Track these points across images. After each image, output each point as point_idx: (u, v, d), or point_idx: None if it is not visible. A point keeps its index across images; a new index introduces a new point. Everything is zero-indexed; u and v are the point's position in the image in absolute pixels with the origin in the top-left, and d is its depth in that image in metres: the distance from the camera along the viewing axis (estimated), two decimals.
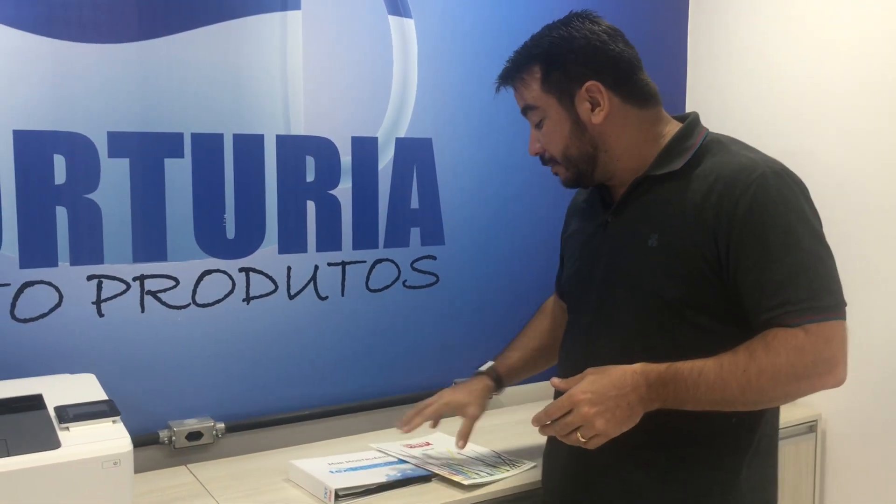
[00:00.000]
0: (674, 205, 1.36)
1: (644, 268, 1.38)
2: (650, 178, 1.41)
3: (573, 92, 1.41)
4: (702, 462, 1.38)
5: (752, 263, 1.28)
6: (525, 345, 1.80)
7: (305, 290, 1.97)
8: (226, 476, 1.73)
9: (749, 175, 1.30)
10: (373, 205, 2.03)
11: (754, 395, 1.27)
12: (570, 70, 1.41)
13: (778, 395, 1.30)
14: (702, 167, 1.37)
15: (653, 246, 1.37)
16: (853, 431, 2.15)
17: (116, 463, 1.25)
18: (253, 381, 1.92)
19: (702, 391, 1.26)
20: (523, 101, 1.48)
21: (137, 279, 1.76)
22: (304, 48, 1.89)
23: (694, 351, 1.31)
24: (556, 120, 1.43)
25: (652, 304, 1.37)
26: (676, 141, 1.42)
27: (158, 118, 1.74)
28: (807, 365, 1.24)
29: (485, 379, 1.75)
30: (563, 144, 1.44)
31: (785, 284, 1.26)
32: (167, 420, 1.81)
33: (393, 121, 2.04)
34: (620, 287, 1.42)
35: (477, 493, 1.62)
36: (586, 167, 1.45)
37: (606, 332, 1.44)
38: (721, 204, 1.30)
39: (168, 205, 1.77)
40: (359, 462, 1.74)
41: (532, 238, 2.28)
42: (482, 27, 2.15)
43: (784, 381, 1.25)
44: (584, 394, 1.28)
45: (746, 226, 1.28)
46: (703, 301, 1.33)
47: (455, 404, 1.69)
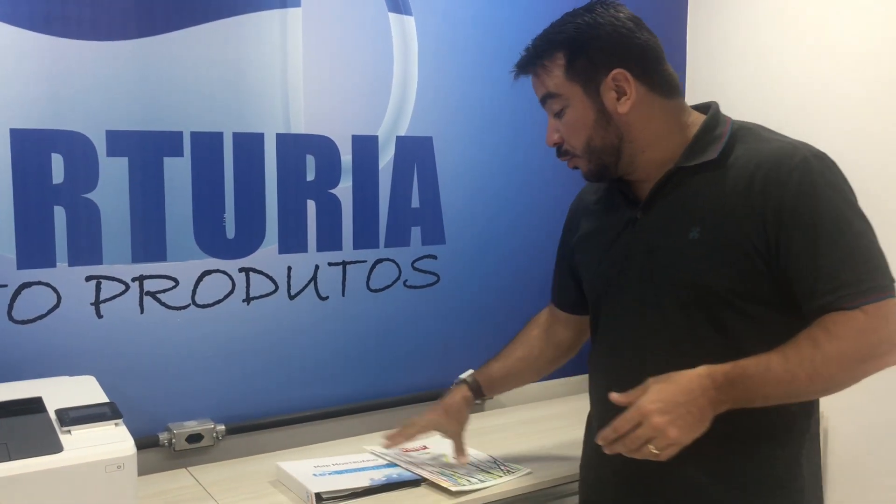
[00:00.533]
0: (713, 195, 1.32)
1: (687, 261, 1.34)
2: (682, 169, 1.36)
3: (599, 80, 1.36)
4: (763, 453, 1.35)
5: (803, 249, 1.25)
6: (508, 354, 1.74)
7: (306, 291, 1.95)
8: (227, 479, 1.71)
9: (791, 160, 1.28)
10: (373, 204, 2.02)
11: (823, 383, 1.25)
12: (595, 57, 1.35)
13: (845, 380, 1.26)
14: (736, 155, 1.34)
15: (695, 238, 1.32)
16: (856, 429, 2.15)
17: (120, 467, 1.23)
18: (253, 383, 1.90)
19: (770, 387, 1.24)
20: (544, 89, 1.41)
21: (136, 280, 1.73)
22: (304, 46, 1.87)
23: (744, 341, 1.30)
24: (579, 109, 1.38)
25: (699, 297, 1.33)
26: (705, 131, 1.38)
27: (157, 117, 1.72)
28: (871, 346, 1.23)
29: (463, 390, 1.71)
30: (587, 135, 1.39)
31: (839, 268, 1.24)
32: (167, 422, 1.79)
33: (393, 119, 2.02)
34: (663, 284, 1.37)
35: (464, 499, 1.60)
36: (610, 159, 1.39)
37: (652, 332, 1.39)
38: (767, 190, 1.28)
39: (167, 204, 1.75)
40: (345, 465, 1.72)
41: (533, 237, 2.27)
42: (483, 25, 2.13)
43: (851, 365, 1.23)
44: (652, 404, 1.22)
45: (796, 211, 1.26)
46: (751, 290, 1.30)
47: (436, 424, 1.70)
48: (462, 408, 1.70)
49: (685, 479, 1.36)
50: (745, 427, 1.31)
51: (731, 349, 1.29)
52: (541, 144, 2.23)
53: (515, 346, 1.75)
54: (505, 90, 2.16)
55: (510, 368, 1.73)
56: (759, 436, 1.34)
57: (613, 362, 1.46)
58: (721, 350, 1.29)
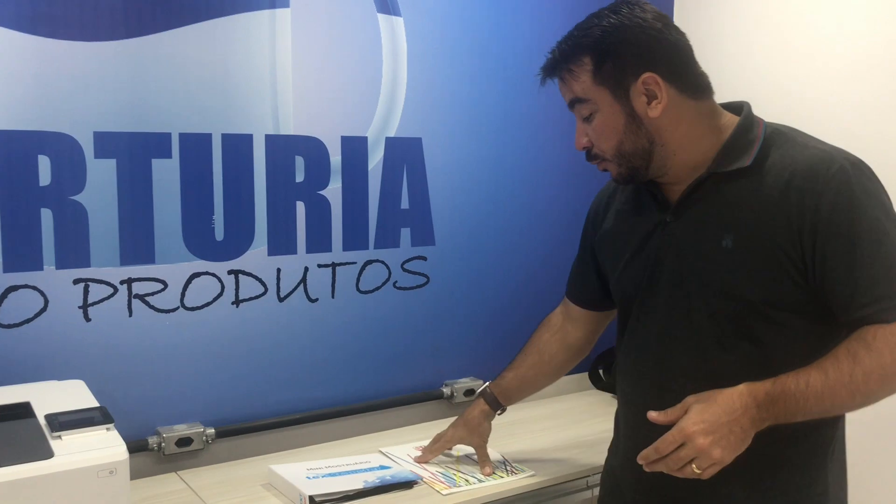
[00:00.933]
0: (747, 203, 1.30)
1: (720, 270, 1.32)
2: (715, 174, 1.33)
3: (628, 84, 1.31)
4: (792, 461, 1.34)
5: (841, 260, 1.24)
6: (521, 362, 1.74)
7: (295, 293, 1.94)
8: (218, 482, 1.70)
9: (828, 169, 1.25)
10: (363, 205, 2.01)
11: (862, 398, 1.23)
12: (624, 61, 1.31)
13: (884, 394, 1.24)
14: (770, 161, 1.31)
15: (728, 247, 1.30)
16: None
17: (112, 472, 1.22)
18: (243, 386, 1.88)
19: (811, 403, 1.22)
20: (572, 94, 1.37)
21: (125, 282, 1.72)
22: (293, 47, 1.86)
23: (774, 350, 1.29)
24: (608, 114, 1.34)
25: (730, 306, 1.31)
26: (738, 134, 1.34)
27: (146, 118, 1.71)
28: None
29: (480, 404, 1.75)
30: (618, 139, 1.34)
31: (878, 280, 1.22)
32: (156, 426, 1.77)
33: (383, 120, 2.02)
34: (694, 290, 1.35)
35: (457, 500, 1.60)
36: (641, 162, 1.35)
37: (681, 337, 1.37)
38: (803, 200, 1.25)
39: (156, 206, 1.74)
40: (339, 468, 1.72)
41: (523, 238, 2.27)
42: (472, 25, 2.13)
43: (891, 379, 1.22)
44: (696, 425, 1.20)
45: (832, 222, 1.24)
46: (783, 300, 1.28)
47: (458, 440, 1.76)
48: (482, 421, 1.74)
49: (719, 491, 1.34)
50: (775, 435, 1.28)
51: (760, 358, 1.28)
52: (530, 145, 2.26)
53: (527, 353, 1.74)
54: (494, 91, 2.19)
55: (523, 377, 1.74)
56: (788, 443, 1.32)
57: (640, 366, 1.45)
58: (749, 359, 1.29)
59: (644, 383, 1.43)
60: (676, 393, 1.30)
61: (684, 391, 1.29)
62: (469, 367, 1.81)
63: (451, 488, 1.62)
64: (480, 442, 1.75)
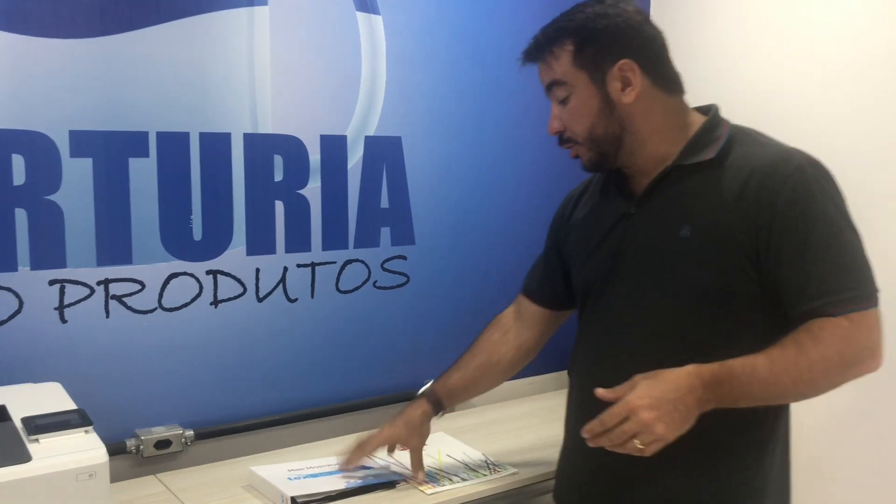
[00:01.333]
0: (708, 195, 1.34)
1: (678, 259, 1.36)
2: (679, 167, 1.38)
3: (605, 69, 1.37)
4: (733, 453, 1.37)
5: (794, 254, 1.28)
6: (467, 363, 1.71)
7: (274, 293, 1.92)
8: (199, 484, 1.68)
9: (787, 166, 1.30)
10: (342, 204, 2.00)
11: (806, 387, 1.27)
12: (604, 46, 1.37)
13: (827, 386, 1.28)
14: (732, 157, 1.36)
15: (686, 237, 1.34)
16: (816, 421, 2.18)
17: (92, 475, 1.20)
18: (222, 387, 1.87)
19: (755, 388, 1.25)
20: (551, 76, 1.41)
21: (102, 283, 1.69)
22: (271, 45, 1.85)
23: (726, 340, 1.32)
24: (584, 97, 1.39)
25: (686, 295, 1.35)
26: (704, 131, 1.40)
27: (122, 116, 1.68)
28: (854, 353, 1.26)
29: (423, 404, 1.68)
30: (590, 122, 1.39)
31: (828, 275, 1.26)
32: (134, 428, 1.75)
33: (362, 119, 2.01)
34: (652, 279, 1.39)
35: (441, 499, 1.60)
36: (610, 148, 1.40)
37: (637, 325, 1.41)
38: (760, 195, 1.30)
39: (133, 206, 1.71)
40: (320, 468, 1.70)
41: (503, 237, 2.27)
42: (451, 24, 2.13)
43: (833, 371, 1.26)
44: (641, 399, 1.23)
45: (788, 217, 1.28)
46: (738, 290, 1.32)
47: (394, 439, 1.66)
48: (423, 422, 1.67)
49: (661, 481, 1.37)
50: (719, 426, 1.31)
51: (713, 348, 1.30)
52: (511, 144, 2.27)
53: (474, 353, 1.71)
54: (474, 90, 2.18)
55: (469, 378, 1.70)
56: (730, 435, 1.35)
57: (596, 355, 1.49)
58: (699, 348, 1.31)
59: (597, 368, 1.46)
60: (627, 379, 1.32)
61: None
62: (449, 366, 1.80)
63: (435, 487, 1.62)
64: (419, 444, 1.67)
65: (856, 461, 2.09)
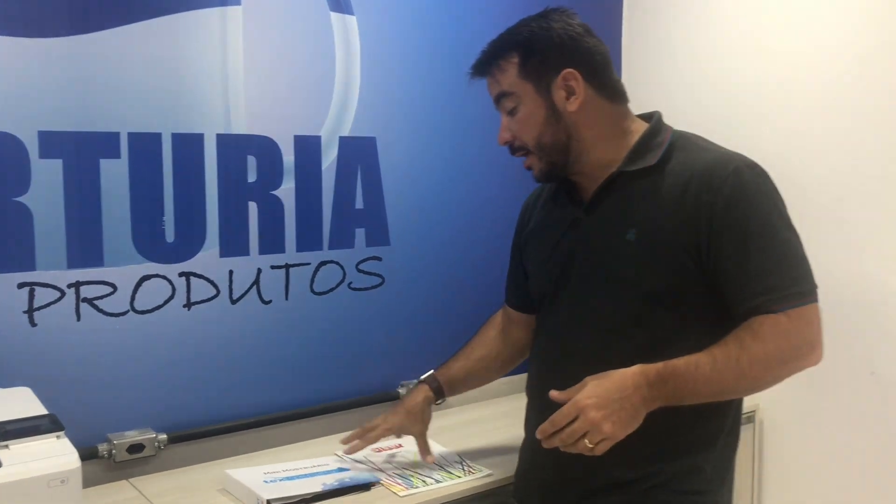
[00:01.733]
0: (651, 199, 1.39)
1: (624, 262, 1.40)
2: (624, 174, 1.42)
3: (550, 79, 1.42)
4: (677, 449, 1.41)
5: (733, 253, 1.32)
6: (468, 354, 1.79)
7: (248, 295, 1.91)
8: (173, 489, 1.66)
9: (725, 169, 1.35)
10: (317, 205, 1.99)
11: (748, 382, 1.33)
12: (547, 57, 1.42)
13: (769, 381, 1.34)
14: (674, 162, 1.41)
15: (631, 240, 1.39)
16: (788, 420, 2.22)
17: (64, 481, 1.18)
18: (195, 390, 1.85)
19: (699, 385, 1.30)
20: (499, 88, 1.47)
21: (72, 286, 1.67)
22: (244, 45, 1.83)
23: (670, 340, 1.36)
24: (531, 107, 1.44)
25: (633, 297, 1.39)
26: (646, 137, 1.45)
27: (93, 117, 1.66)
28: (793, 348, 1.30)
29: (424, 390, 1.75)
30: (538, 131, 1.44)
31: (766, 273, 1.31)
32: (106, 433, 1.73)
33: (336, 119, 2.00)
34: (600, 282, 1.44)
35: (416, 501, 1.60)
36: (559, 157, 1.45)
37: (585, 327, 1.46)
38: (700, 196, 1.34)
39: (104, 208, 1.69)
40: (296, 471, 1.69)
41: (478, 237, 2.27)
42: (425, 25, 2.12)
43: (774, 366, 1.31)
44: (589, 399, 1.27)
45: (727, 217, 1.32)
46: (682, 291, 1.37)
47: (398, 426, 1.72)
48: (424, 408, 1.73)
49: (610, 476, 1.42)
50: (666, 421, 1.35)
51: (661, 347, 1.35)
52: (485, 144, 2.26)
53: (474, 346, 1.79)
54: (448, 90, 2.18)
55: (470, 369, 1.77)
56: (677, 430, 1.40)
57: (550, 356, 1.54)
58: (646, 348, 1.36)
59: (549, 368, 1.52)
60: (577, 379, 1.37)
61: (584, 376, 1.36)
62: (425, 367, 1.80)
63: (409, 490, 1.62)
64: (422, 430, 1.73)
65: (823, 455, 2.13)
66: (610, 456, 1.29)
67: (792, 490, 2.22)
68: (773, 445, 2.26)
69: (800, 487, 2.19)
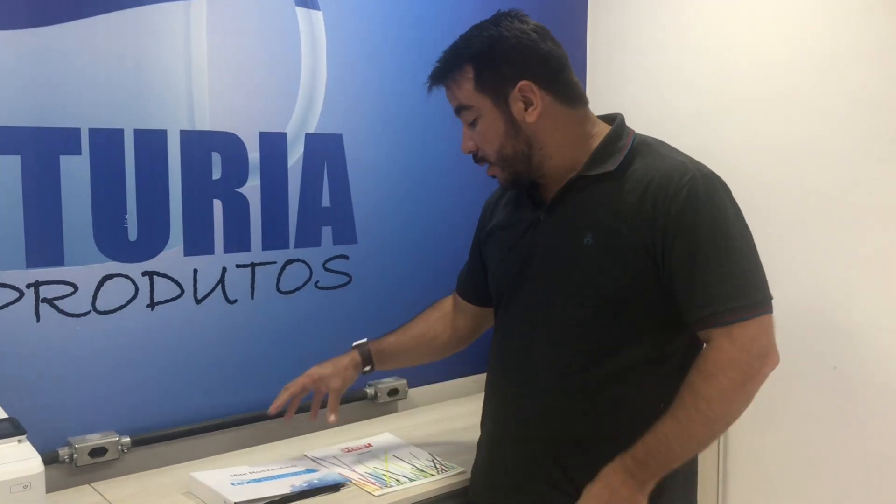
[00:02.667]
0: (609, 204, 1.39)
1: (580, 265, 1.40)
2: (584, 178, 1.42)
3: (507, 92, 1.41)
4: None
5: (684, 261, 1.32)
6: (405, 330, 1.80)
7: (213, 294, 1.87)
8: (137, 493, 1.62)
9: (681, 178, 1.35)
10: (282, 203, 1.96)
11: (718, 422, 1.33)
12: (502, 70, 1.40)
13: (736, 410, 1.33)
14: (634, 168, 1.40)
15: (588, 244, 1.39)
16: (752, 416, 2.23)
17: (26, 486, 1.15)
18: (159, 392, 1.81)
19: (676, 448, 1.32)
20: (456, 101, 1.46)
21: (31, 286, 1.62)
22: (208, 39, 1.80)
23: (630, 340, 1.38)
24: (490, 119, 1.43)
25: (590, 298, 1.40)
26: (607, 142, 1.44)
27: (53, 112, 1.62)
28: (743, 371, 1.30)
29: (353, 354, 1.75)
30: (499, 143, 1.44)
31: (713, 284, 1.31)
32: (67, 436, 1.68)
33: (302, 116, 1.97)
34: (556, 284, 1.44)
35: (389, 501, 1.58)
36: (521, 166, 1.45)
37: (541, 329, 1.46)
38: (656, 204, 1.34)
39: (64, 205, 1.65)
40: (263, 473, 1.67)
41: (445, 235, 2.25)
42: (391, 21, 2.10)
43: (734, 395, 1.31)
44: None
45: (680, 226, 1.32)
46: (638, 296, 1.37)
47: (318, 376, 1.71)
48: (348, 367, 1.73)
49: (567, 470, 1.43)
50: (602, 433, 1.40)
51: (617, 346, 1.38)
52: (452, 142, 2.22)
53: (414, 324, 1.80)
54: (415, 87, 2.14)
55: (404, 344, 1.78)
56: None
57: (505, 356, 1.54)
58: (607, 347, 1.39)
59: (505, 367, 1.53)
60: (534, 380, 1.44)
61: (540, 378, 1.44)
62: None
63: (383, 489, 1.60)
64: (341, 386, 1.72)
65: (787, 450, 2.15)
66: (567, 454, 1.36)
67: (757, 486, 2.24)
68: (738, 442, 2.28)
69: (764, 483, 2.22)
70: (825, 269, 2.05)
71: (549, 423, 1.44)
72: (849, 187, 1.99)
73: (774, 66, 2.12)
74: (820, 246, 2.05)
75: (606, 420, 1.38)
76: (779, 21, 2.11)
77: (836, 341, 2.05)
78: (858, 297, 1.99)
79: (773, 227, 2.11)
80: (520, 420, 1.48)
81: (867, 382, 1.99)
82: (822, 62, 2.02)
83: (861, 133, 1.96)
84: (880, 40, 1.91)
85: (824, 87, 2.02)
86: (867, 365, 1.99)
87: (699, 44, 2.29)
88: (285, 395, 1.69)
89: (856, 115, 1.97)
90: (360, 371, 1.75)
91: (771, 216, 2.08)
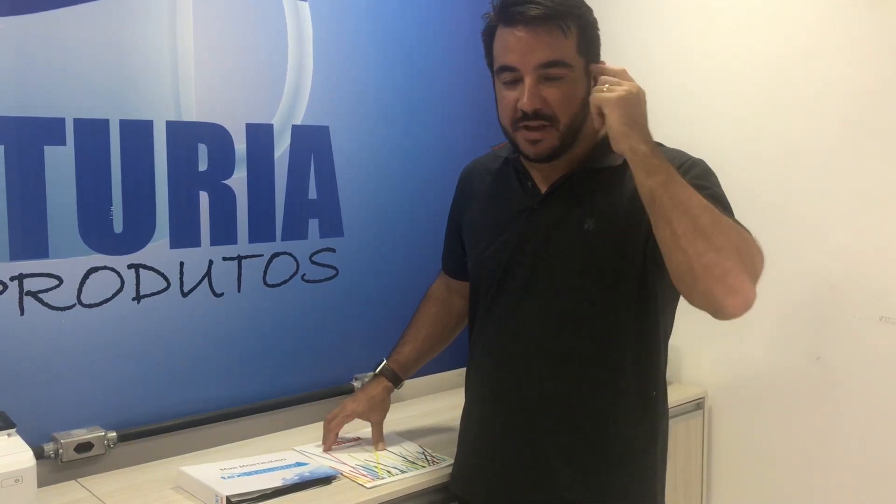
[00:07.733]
0: (611, 193, 1.41)
1: (580, 249, 1.41)
2: (586, 169, 1.44)
3: (590, 64, 1.39)
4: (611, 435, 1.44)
5: None
6: (415, 336, 1.82)
7: (199, 287, 1.85)
8: (125, 488, 1.60)
9: (681, 159, 1.39)
10: (269, 195, 1.94)
11: (720, 236, 1.20)
12: (594, 42, 1.41)
13: (721, 245, 1.20)
14: None
15: (589, 230, 1.40)
16: (737, 406, 2.26)
17: (18, 480, 1.14)
18: (145, 386, 1.79)
19: (681, 194, 1.23)
20: (556, 55, 1.34)
21: (15, 279, 1.60)
22: (194, 29, 1.78)
23: (625, 324, 1.40)
24: (577, 84, 1.37)
25: (589, 285, 1.41)
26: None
27: (37, 101, 1.59)
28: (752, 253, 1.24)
29: (381, 381, 1.79)
30: (574, 111, 1.37)
31: None
32: (52, 432, 1.66)
33: (289, 107, 1.96)
34: (555, 267, 1.44)
35: (381, 492, 1.58)
36: (570, 140, 1.40)
37: (537, 310, 1.46)
38: None
39: (49, 197, 1.62)
40: (254, 466, 1.66)
41: (432, 227, 2.23)
42: (379, 12, 2.10)
43: (733, 236, 1.22)
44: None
45: None
46: (636, 277, 1.38)
47: (356, 414, 1.77)
48: (385, 397, 1.79)
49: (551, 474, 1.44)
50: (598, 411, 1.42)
51: (613, 334, 1.40)
52: (439, 133, 2.25)
53: (419, 325, 1.82)
54: (402, 79, 2.16)
55: (420, 349, 1.81)
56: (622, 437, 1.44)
57: (499, 343, 1.52)
58: (602, 335, 1.41)
59: (498, 359, 1.52)
60: (532, 367, 1.44)
61: (539, 365, 1.44)
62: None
63: (375, 481, 1.59)
64: (379, 419, 1.79)
65: (771, 439, 2.18)
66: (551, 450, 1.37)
67: (741, 475, 2.26)
68: (722, 432, 2.30)
69: (749, 472, 2.24)
70: (809, 260, 2.07)
71: (552, 411, 1.44)
72: (833, 180, 2.02)
73: (759, 60, 2.13)
74: (804, 237, 2.07)
75: (606, 405, 1.38)
76: (763, 15, 2.12)
77: (821, 332, 2.07)
78: (842, 288, 2.02)
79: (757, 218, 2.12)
80: (520, 409, 1.47)
81: (851, 373, 2.01)
82: (805, 55, 2.04)
83: (848, 127, 1.98)
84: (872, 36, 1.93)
85: (807, 79, 2.04)
86: (851, 356, 2.01)
87: (684, 38, 2.30)
88: (332, 437, 1.77)
89: (839, 106, 1.99)
90: (393, 391, 1.81)
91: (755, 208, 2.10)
